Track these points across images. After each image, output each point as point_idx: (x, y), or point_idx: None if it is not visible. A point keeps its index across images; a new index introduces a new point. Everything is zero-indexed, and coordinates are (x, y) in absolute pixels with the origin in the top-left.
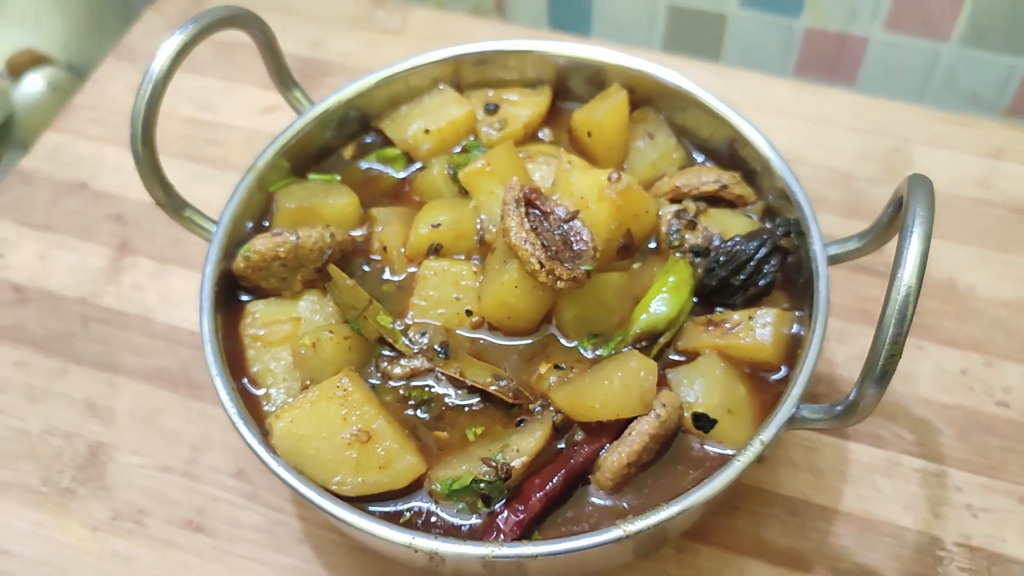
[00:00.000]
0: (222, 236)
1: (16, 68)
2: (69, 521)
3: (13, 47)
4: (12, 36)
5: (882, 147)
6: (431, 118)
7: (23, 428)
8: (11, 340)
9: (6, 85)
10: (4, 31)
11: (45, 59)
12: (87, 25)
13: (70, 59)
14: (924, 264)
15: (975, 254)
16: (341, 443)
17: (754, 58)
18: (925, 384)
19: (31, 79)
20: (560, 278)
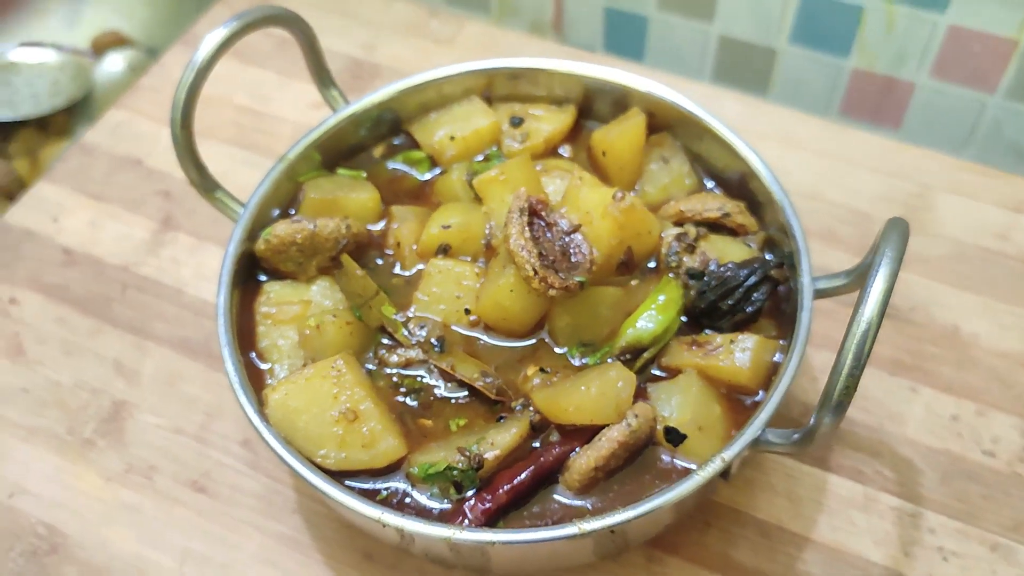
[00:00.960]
0: (247, 219)
1: (100, 47)
2: (86, 469)
3: (100, 28)
4: (100, 17)
5: (903, 191)
6: (458, 126)
7: (56, 379)
8: (56, 298)
9: (89, 63)
10: (94, 12)
11: (127, 41)
12: (169, 12)
13: (150, 43)
14: (886, 303)
15: (982, 304)
16: (329, 419)
17: (801, 95)
18: (914, 426)
19: (112, 59)
20: (552, 286)
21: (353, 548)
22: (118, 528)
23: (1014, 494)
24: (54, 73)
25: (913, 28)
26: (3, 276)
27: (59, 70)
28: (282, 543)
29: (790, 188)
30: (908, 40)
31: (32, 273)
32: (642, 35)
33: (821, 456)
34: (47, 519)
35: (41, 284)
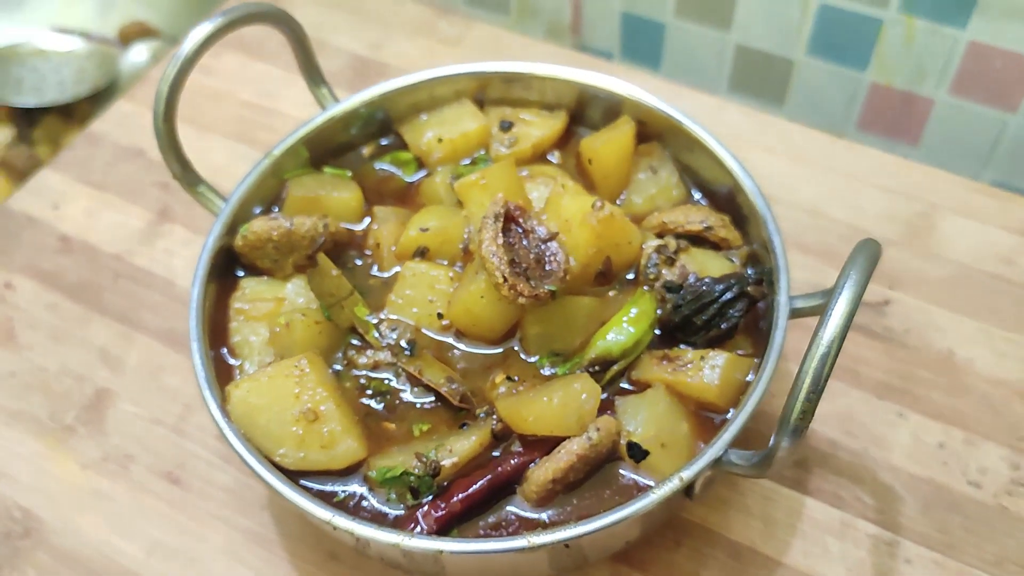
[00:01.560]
0: (228, 214)
1: (126, 37)
2: (64, 456)
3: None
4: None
5: (909, 210)
6: (446, 128)
7: (43, 365)
8: (49, 284)
9: (115, 52)
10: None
11: (153, 32)
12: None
13: (176, 34)
14: (846, 326)
15: (981, 329)
16: (290, 418)
17: (818, 107)
18: (898, 452)
19: (137, 49)
20: (521, 294)
21: (318, 547)
22: (91, 516)
23: (998, 528)
24: (81, 61)
25: (933, 43)
26: (1, 261)
27: (86, 58)
28: (249, 538)
29: (793, 203)
30: (927, 55)
31: (29, 259)
32: (659, 42)
33: (799, 478)
34: (23, 503)
35: (37, 270)
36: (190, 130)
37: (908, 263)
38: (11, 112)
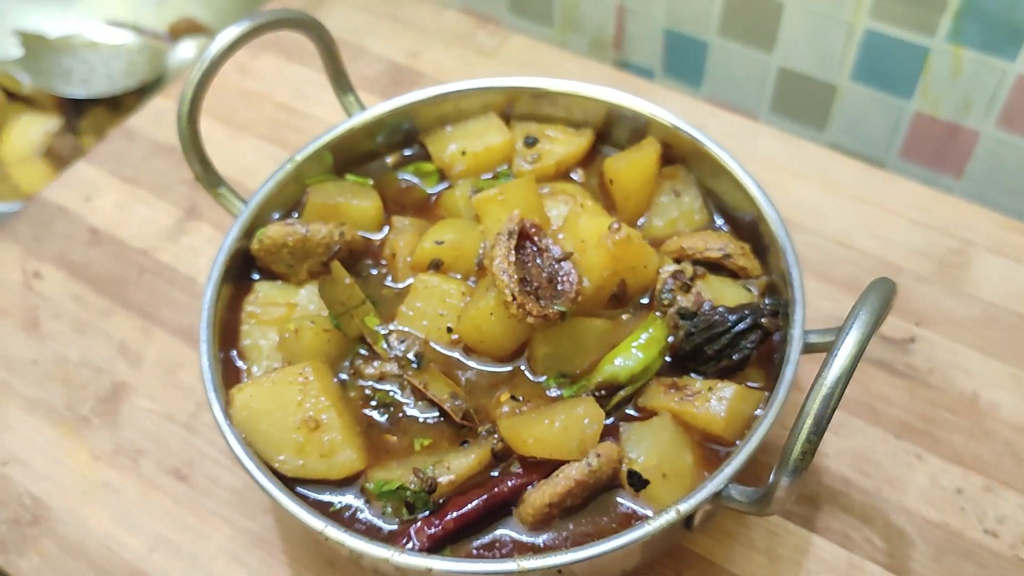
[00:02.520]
0: (247, 217)
1: (176, 33)
2: (77, 446)
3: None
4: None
5: (942, 246)
6: (470, 141)
7: (64, 355)
8: (76, 276)
9: (165, 47)
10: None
11: (202, 29)
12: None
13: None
14: (852, 367)
15: (1008, 373)
16: (291, 425)
17: (860, 134)
18: (914, 495)
19: (185, 45)
20: (530, 313)
21: (317, 554)
22: (97, 507)
23: None
24: (131, 55)
25: (980, 74)
26: (33, 250)
27: (136, 52)
28: (251, 540)
29: (822, 232)
30: (974, 87)
31: (59, 250)
32: (701, 61)
33: (807, 515)
34: (34, 490)
35: (65, 261)
36: (224, 129)
37: (937, 300)
38: (60, 102)
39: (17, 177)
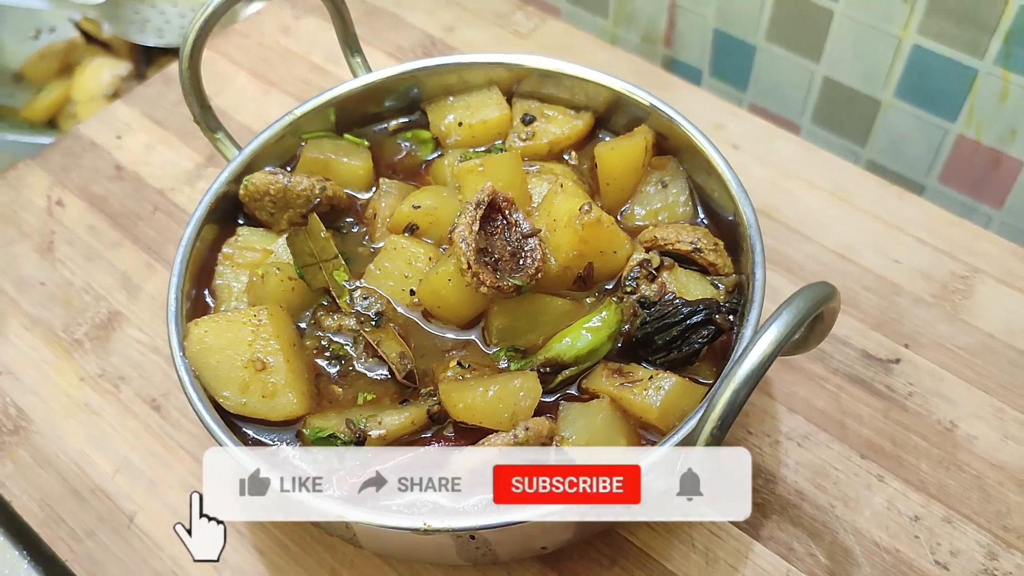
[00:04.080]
0: (239, 163)
1: None
2: (67, 366)
3: None
4: None
5: (947, 270)
6: (468, 113)
7: (70, 280)
8: (96, 207)
9: (241, 5)
10: None
11: None
12: None
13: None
14: (763, 366)
15: (993, 407)
16: (239, 363)
17: (901, 153)
18: (868, 516)
19: (258, 4)
20: (483, 283)
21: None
22: (75, 425)
23: None
24: None
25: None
26: (60, 179)
27: None
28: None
29: (824, 243)
30: (1022, 114)
31: (84, 181)
32: (748, 63)
33: (753, 521)
34: (20, 402)
35: (88, 192)
36: (256, 84)
37: (931, 324)
38: (133, 48)
39: (81, 114)
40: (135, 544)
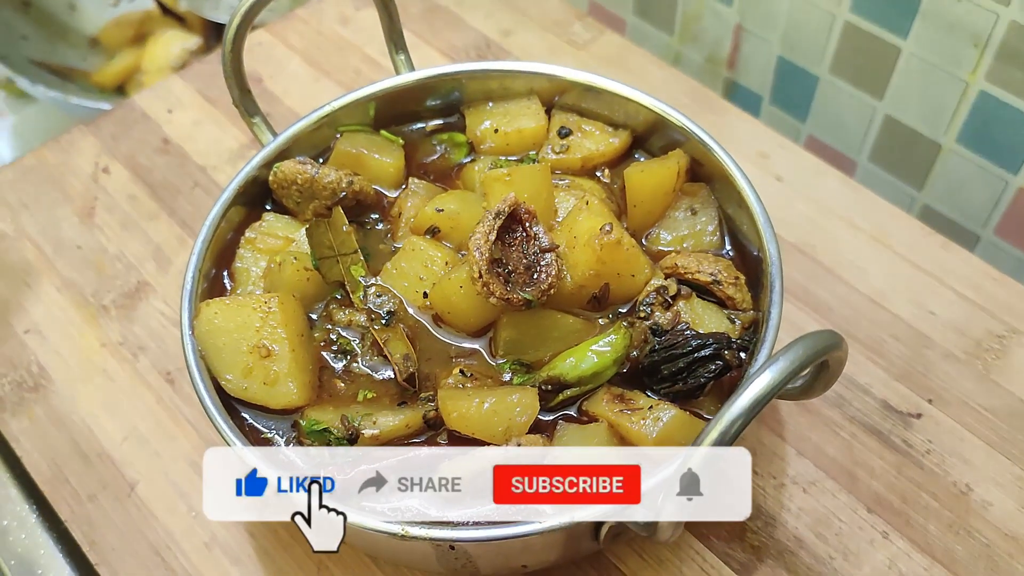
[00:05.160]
0: (272, 149)
1: None
2: (91, 331)
3: None
4: None
5: (983, 328)
6: (506, 121)
7: (105, 247)
8: (139, 178)
9: None
10: None
11: None
12: None
13: None
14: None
15: (1014, 475)
16: (245, 348)
17: (958, 200)
18: (867, 571)
19: None
20: (493, 293)
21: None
22: (91, 389)
23: None
24: None
25: None
26: (108, 147)
27: None
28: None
29: (858, 288)
30: None
31: (131, 151)
32: (809, 94)
33: (747, 564)
34: (43, 360)
35: (133, 162)
36: (309, 70)
37: (959, 381)
38: (205, 23)
39: (148, 84)
40: (133, 513)
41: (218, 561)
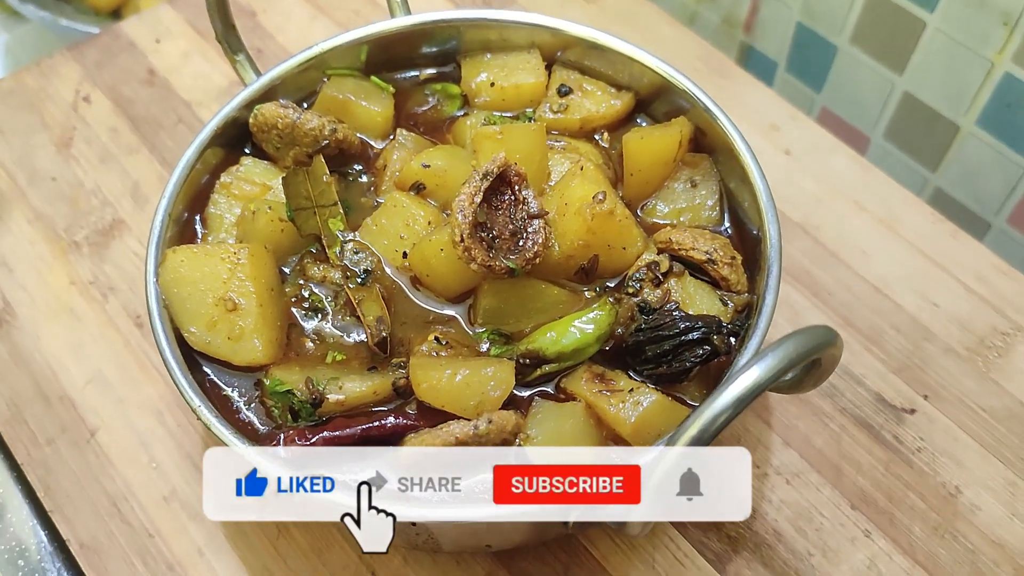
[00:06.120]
0: (255, 89)
1: None
2: (61, 267)
3: None
4: None
5: (987, 324)
6: (503, 74)
7: (81, 180)
8: (121, 110)
9: None
10: None
11: None
12: None
13: None
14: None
15: (1006, 480)
16: (210, 300)
17: (972, 185)
18: (844, 571)
19: None
20: (474, 259)
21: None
22: (57, 329)
23: None
24: None
25: None
26: (91, 75)
27: None
28: (177, 402)
29: (860, 273)
30: None
31: (115, 80)
32: (827, 64)
33: (721, 554)
34: (9, 295)
35: (116, 93)
36: (306, 7)
37: (957, 378)
38: None
39: (145, 8)
40: (91, 460)
41: (176, 516)
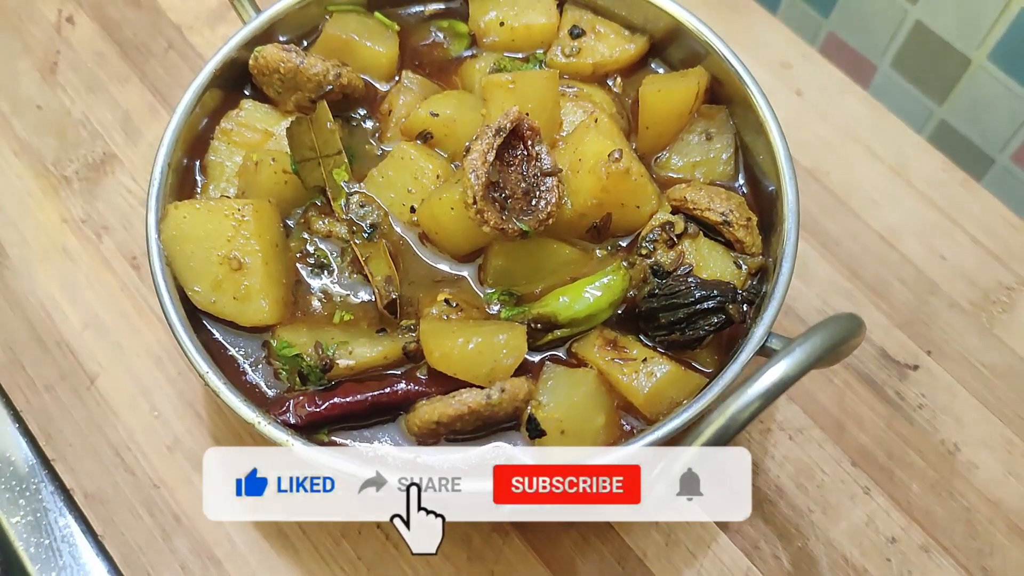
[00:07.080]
0: (254, 27)
1: None
2: (51, 204)
3: None
4: None
5: (993, 278)
6: (513, 13)
7: (68, 109)
8: (108, 33)
9: None
10: None
11: None
12: None
13: None
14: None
15: (1005, 438)
16: (215, 258)
17: (979, 120)
18: (844, 528)
19: None
20: (487, 222)
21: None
22: (51, 269)
23: None
24: None
25: None
26: None
27: None
28: (175, 351)
29: (869, 222)
30: None
31: (99, 0)
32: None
33: None
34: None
35: (101, 14)
36: None
37: (961, 334)
38: None
39: None
40: (92, 408)
41: (180, 466)
